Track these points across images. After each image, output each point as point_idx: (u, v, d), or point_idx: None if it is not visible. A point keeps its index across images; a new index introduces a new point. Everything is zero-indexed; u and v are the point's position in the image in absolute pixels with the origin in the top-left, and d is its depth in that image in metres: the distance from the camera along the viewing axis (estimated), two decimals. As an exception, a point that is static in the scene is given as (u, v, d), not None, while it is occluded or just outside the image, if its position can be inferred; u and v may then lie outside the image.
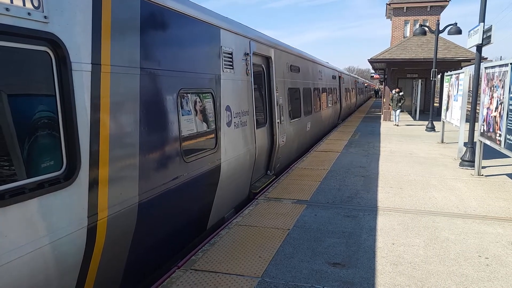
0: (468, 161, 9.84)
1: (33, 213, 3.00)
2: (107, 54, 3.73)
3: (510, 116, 7.14)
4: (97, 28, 3.61)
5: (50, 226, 3.13)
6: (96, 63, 3.59)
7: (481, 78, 9.44)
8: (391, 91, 21.79)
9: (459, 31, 16.70)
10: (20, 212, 2.89)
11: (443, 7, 29.27)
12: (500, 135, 7.61)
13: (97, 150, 3.60)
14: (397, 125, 20.23)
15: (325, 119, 17.18)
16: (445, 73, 14.70)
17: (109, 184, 3.74)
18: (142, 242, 4.43)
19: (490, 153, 10.19)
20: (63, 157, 3.32)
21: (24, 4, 2.90)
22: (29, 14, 2.94)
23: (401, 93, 20.82)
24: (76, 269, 3.49)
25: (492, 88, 8.29)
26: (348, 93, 28.19)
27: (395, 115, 20.79)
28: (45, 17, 3.07)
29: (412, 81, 29.44)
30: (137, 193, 4.15)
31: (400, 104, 20.53)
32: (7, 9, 2.78)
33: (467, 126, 10.71)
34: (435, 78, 18.64)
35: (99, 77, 3.62)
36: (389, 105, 21.39)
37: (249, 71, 7.58)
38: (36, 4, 2.99)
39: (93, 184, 3.54)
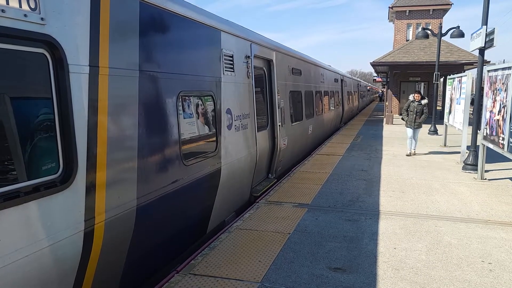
0: (471, 165, 9.77)
1: (28, 217, 2.96)
2: (105, 56, 3.70)
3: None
4: (95, 30, 3.59)
5: (46, 230, 3.09)
6: (94, 66, 3.56)
7: (484, 81, 9.38)
8: (409, 97, 12.71)
9: (461, 34, 16.67)
10: (14, 216, 2.85)
11: (445, 11, 29.25)
12: (503, 139, 7.54)
13: (95, 153, 3.56)
14: (414, 154, 12.29)
15: (327, 122, 17.12)
16: (448, 76, 14.60)
17: (107, 187, 3.70)
18: (141, 246, 4.39)
19: (493, 156, 10.10)
20: (59, 160, 3.28)
21: (20, 6, 2.87)
22: (25, 15, 2.91)
23: (423, 101, 12.21)
24: (72, 274, 3.45)
25: (495, 91, 8.23)
26: (351, 96, 28.13)
27: (412, 137, 12.24)
28: (41, 18, 3.04)
29: (415, 84, 29.37)
30: (135, 196, 4.11)
31: (420, 120, 12.14)
32: (2, 11, 2.75)
33: (470, 129, 10.63)
34: (437, 81, 18.56)
35: (97, 79, 3.59)
36: (402, 119, 12.76)
37: (250, 74, 7.54)
38: (32, 6, 2.96)
39: (90, 187, 3.50)
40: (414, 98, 12.34)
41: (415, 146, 12.40)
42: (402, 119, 12.75)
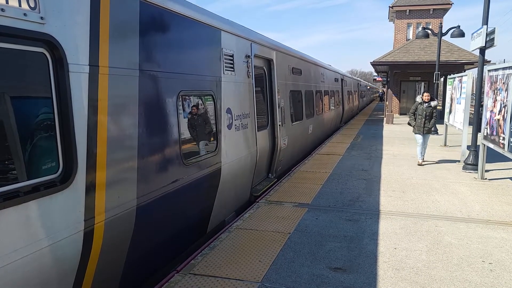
0: (471, 165, 9.76)
1: (28, 217, 2.95)
2: (105, 55, 3.69)
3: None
4: (95, 29, 3.57)
5: (45, 229, 3.08)
6: (94, 65, 3.55)
7: (484, 81, 9.36)
8: (416, 98, 11.22)
9: (461, 34, 16.66)
10: (14, 216, 2.84)
11: (446, 10, 29.24)
12: (503, 138, 7.53)
13: (95, 153, 3.55)
14: (420, 164, 10.66)
15: (327, 122, 17.11)
16: (448, 76, 14.59)
17: (107, 187, 3.69)
18: (141, 246, 4.38)
19: (493, 156, 10.09)
20: (59, 160, 3.27)
21: (20, 5, 2.86)
22: (25, 15, 2.90)
23: (433, 103, 10.66)
24: (72, 274, 3.44)
25: (496, 91, 8.22)
26: (351, 95, 28.12)
27: (421, 146, 10.71)
28: (41, 18, 3.03)
29: (415, 83, 29.38)
30: (135, 196, 4.10)
31: (430, 125, 10.57)
32: (2, 10, 2.74)
33: (470, 129, 10.61)
34: (438, 81, 18.54)
35: (97, 79, 3.58)
36: (409, 123, 11.14)
37: (250, 74, 7.53)
38: (32, 5, 2.95)
39: (90, 187, 3.50)
40: (422, 99, 10.67)
41: (424, 153, 10.90)
42: (409, 124, 11.03)
